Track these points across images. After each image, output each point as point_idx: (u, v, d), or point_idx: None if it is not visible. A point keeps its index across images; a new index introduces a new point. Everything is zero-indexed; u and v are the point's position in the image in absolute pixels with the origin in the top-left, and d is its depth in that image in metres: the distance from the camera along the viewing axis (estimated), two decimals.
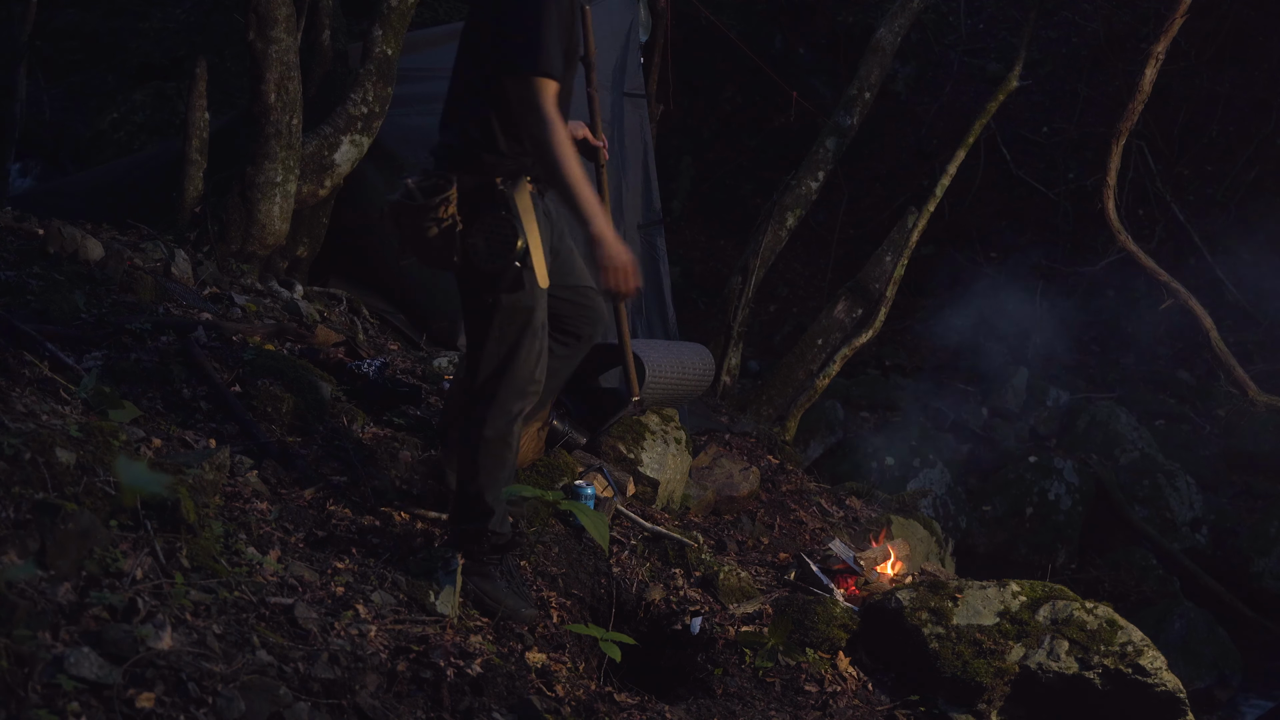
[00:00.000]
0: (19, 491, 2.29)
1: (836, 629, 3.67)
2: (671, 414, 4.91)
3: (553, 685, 2.91)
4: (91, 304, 3.95)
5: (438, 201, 3.09)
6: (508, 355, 3.18)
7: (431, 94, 6.32)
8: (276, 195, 5.30)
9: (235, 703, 2.07)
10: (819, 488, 5.85)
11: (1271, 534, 7.32)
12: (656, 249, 6.71)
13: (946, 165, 7.35)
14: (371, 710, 2.35)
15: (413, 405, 4.26)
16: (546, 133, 2.99)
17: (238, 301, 4.73)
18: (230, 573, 2.58)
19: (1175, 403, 9.19)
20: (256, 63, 5.22)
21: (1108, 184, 7.34)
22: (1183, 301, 7.44)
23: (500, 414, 3.19)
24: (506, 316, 3.16)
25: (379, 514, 3.37)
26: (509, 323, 3.17)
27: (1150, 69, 7.12)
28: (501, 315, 3.16)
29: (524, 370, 3.20)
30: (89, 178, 6.96)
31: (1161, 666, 3.45)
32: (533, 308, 3.19)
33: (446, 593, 2.99)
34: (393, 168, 6.08)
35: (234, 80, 8.24)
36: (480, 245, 3.10)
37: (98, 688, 1.96)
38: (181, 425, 3.38)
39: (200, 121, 5.47)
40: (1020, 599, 3.62)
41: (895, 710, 3.49)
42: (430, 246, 3.14)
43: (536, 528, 3.71)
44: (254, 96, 5.26)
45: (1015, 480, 7.68)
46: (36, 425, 2.67)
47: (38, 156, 8.86)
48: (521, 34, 3.02)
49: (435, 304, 5.95)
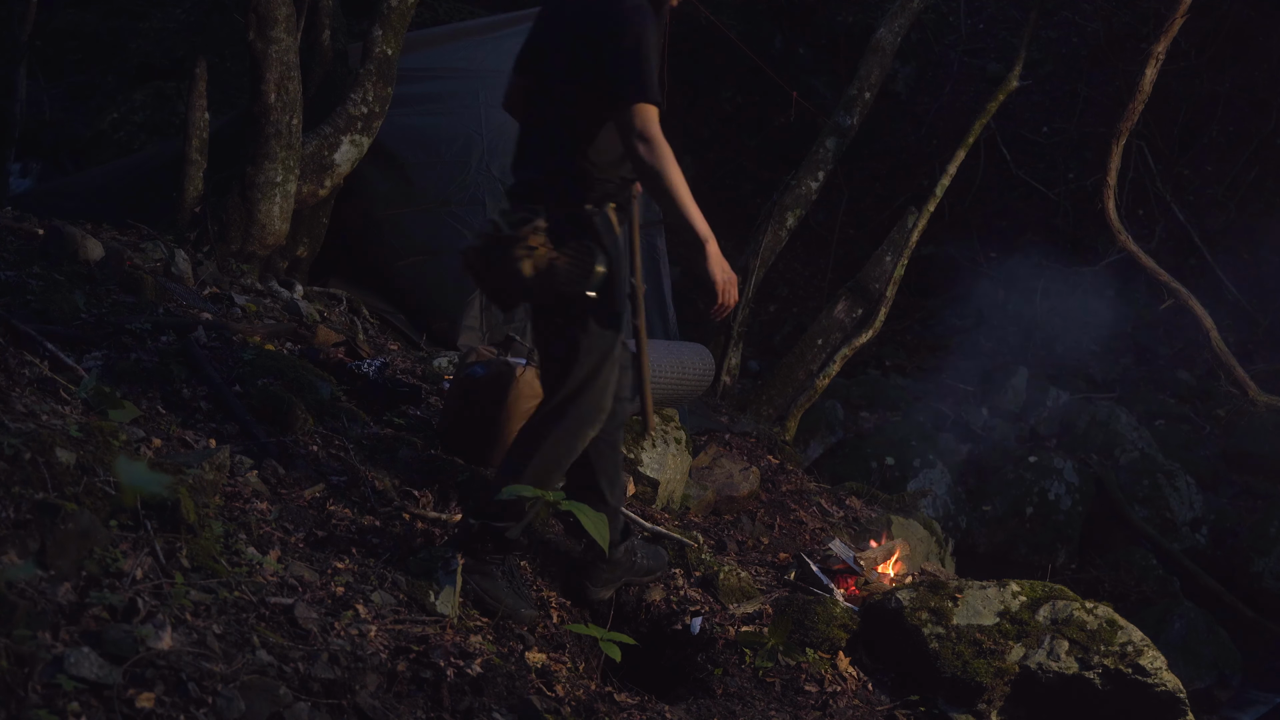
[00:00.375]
0: (19, 491, 2.29)
1: (836, 629, 3.67)
2: (671, 414, 4.91)
3: (553, 685, 2.91)
4: (91, 304, 3.95)
5: (527, 231, 3.08)
6: (585, 380, 3.20)
7: (431, 94, 6.35)
8: (276, 195, 5.30)
9: (235, 703, 2.07)
10: (819, 488, 5.84)
11: (1271, 534, 7.31)
12: (657, 249, 6.71)
13: (946, 165, 7.35)
14: (371, 710, 2.35)
15: (413, 405, 4.26)
16: (659, 158, 3.03)
17: (238, 301, 4.73)
18: (230, 573, 2.58)
19: (1175, 403, 9.19)
20: (256, 63, 5.22)
21: (1108, 184, 7.34)
22: (1183, 301, 7.44)
23: (566, 435, 3.23)
24: (591, 343, 3.19)
25: (379, 514, 3.37)
26: (591, 350, 3.19)
27: (1150, 69, 7.12)
28: (587, 340, 3.18)
29: (598, 399, 3.23)
30: (89, 178, 6.96)
31: (1161, 666, 3.45)
32: (615, 339, 3.22)
33: (446, 593, 2.99)
34: (393, 168, 6.09)
35: (234, 80, 8.23)
36: (562, 268, 3.11)
37: (98, 688, 1.96)
38: (181, 425, 3.38)
39: (200, 121, 5.48)
40: (1020, 599, 3.62)
41: (895, 710, 3.49)
42: (520, 280, 3.12)
43: (536, 527, 3.71)
44: (254, 96, 5.26)
45: (1015, 480, 7.68)
46: (36, 425, 2.67)
47: (38, 156, 8.86)
48: (627, 65, 3.04)
49: (435, 304, 5.95)
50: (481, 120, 6.21)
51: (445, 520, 3.45)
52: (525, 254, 3.09)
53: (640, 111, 3.03)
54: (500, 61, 6.39)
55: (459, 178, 6.09)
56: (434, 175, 6.11)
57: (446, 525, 3.43)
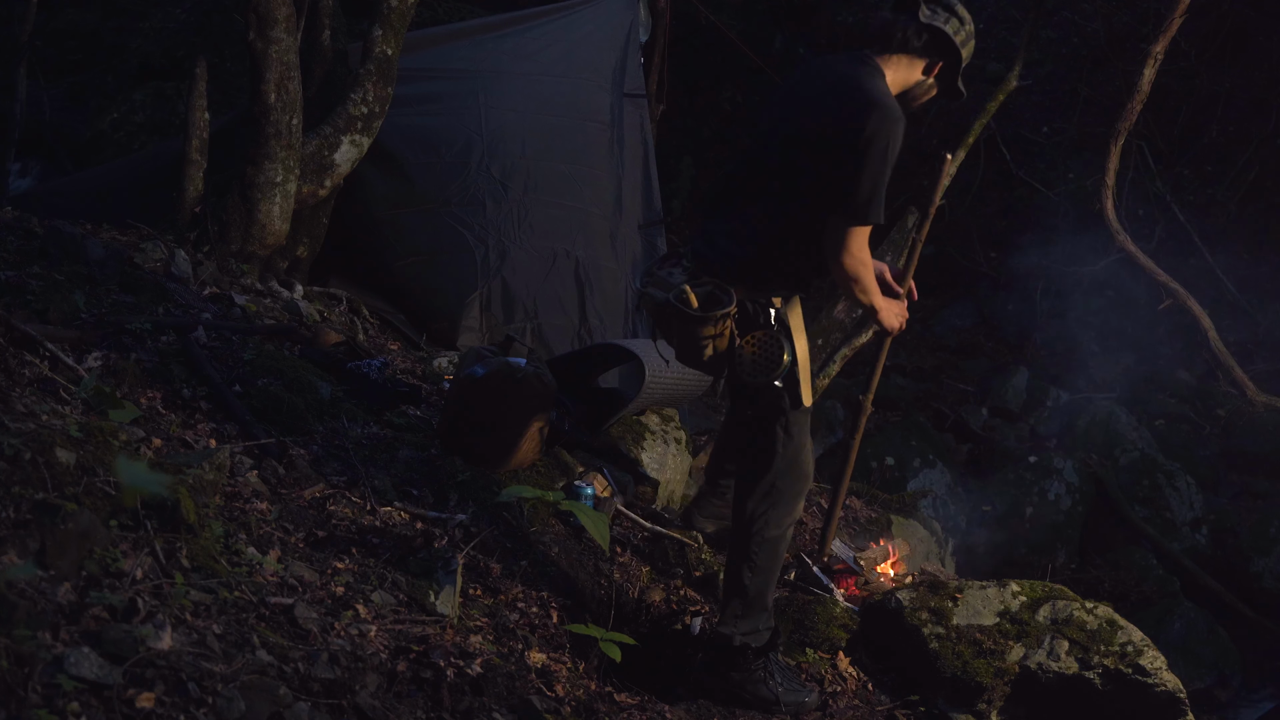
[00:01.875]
0: (19, 491, 2.29)
1: (836, 629, 3.67)
2: (671, 414, 4.91)
3: (553, 685, 2.90)
4: (91, 304, 3.95)
5: (718, 316, 3.07)
6: (793, 457, 3.24)
7: (431, 94, 6.35)
8: (276, 195, 5.30)
9: (235, 703, 2.07)
10: (819, 488, 5.84)
11: (1271, 534, 7.31)
12: (657, 249, 6.72)
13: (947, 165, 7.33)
14: (371, 710, 2.35)
15: (413, 405, 4.25)
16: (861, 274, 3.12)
17: (238, 301, 4.73)
18: (230, 573, 2.58)
19: (1175, 403, 9.19)
20: (256, 63, 5.22)
21: (1107, 184, 7.35)
22: (1182, 301, 7.44)
23: (785, 513, 3.27)
24: (795, 423, 3.22)
25: (379, 514, 3.37)
26: (796, 429, 3.23)
27: (1150, 69, 7.13)
28: (788, 421, 3.21)
29: (806, 470, 3.29)
30: (89, 178, 6.96)
31: (1161, 666, 3.45)
32: (806, 415, 3.27)
33: (446, 593, 2.99)
34: (393, 168, 6.09)
35: (234, 80, 8.23)
36: (748, 358, 3.12)
37: (98, 688, 1.96)
38: (181, 425, 3.38)
39: (200, 121, 5.47)
40: (1020, 599, 3.62)
41: (895, 710, 3.49)
42: (700, 359, 3.15)
43: (537, 528, 3.71)
44: (254, 96, 5.26)
45: (1015, 480, 7.68)
46: (36, 425, 2.67)
47: (38, 156, 8.84)
48: (864, 185, 2.98)
49: (435, 304, 5.95)
50: (481, 121, 6.21)
51: (445, 520, 3.45)
52: (710, 339, 3.08)
53: (859, 231, 3.03)
54: (500, 62, 6.41)
55: (459, 178, 6.09)
56: (434, 176, 6.11)
57: (446, 525, 3.43)
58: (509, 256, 5.98)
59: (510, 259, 5.98)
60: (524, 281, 5.99)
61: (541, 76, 6.44)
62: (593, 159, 6.43)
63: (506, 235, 6.03)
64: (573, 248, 6.17)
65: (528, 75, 6.41)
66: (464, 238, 5.98)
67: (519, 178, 6.15)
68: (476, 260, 5.93)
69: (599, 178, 6.41)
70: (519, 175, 6.16)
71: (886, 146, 2.96)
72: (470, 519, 3.48)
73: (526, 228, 6.08)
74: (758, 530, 3.24)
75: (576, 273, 6.16)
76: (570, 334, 6.06)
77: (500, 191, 6.08)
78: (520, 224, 6.08)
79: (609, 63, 6.58)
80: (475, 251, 5.95)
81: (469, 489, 3.66)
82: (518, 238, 6.04)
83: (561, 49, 6.55)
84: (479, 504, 3.59)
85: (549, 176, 6.24)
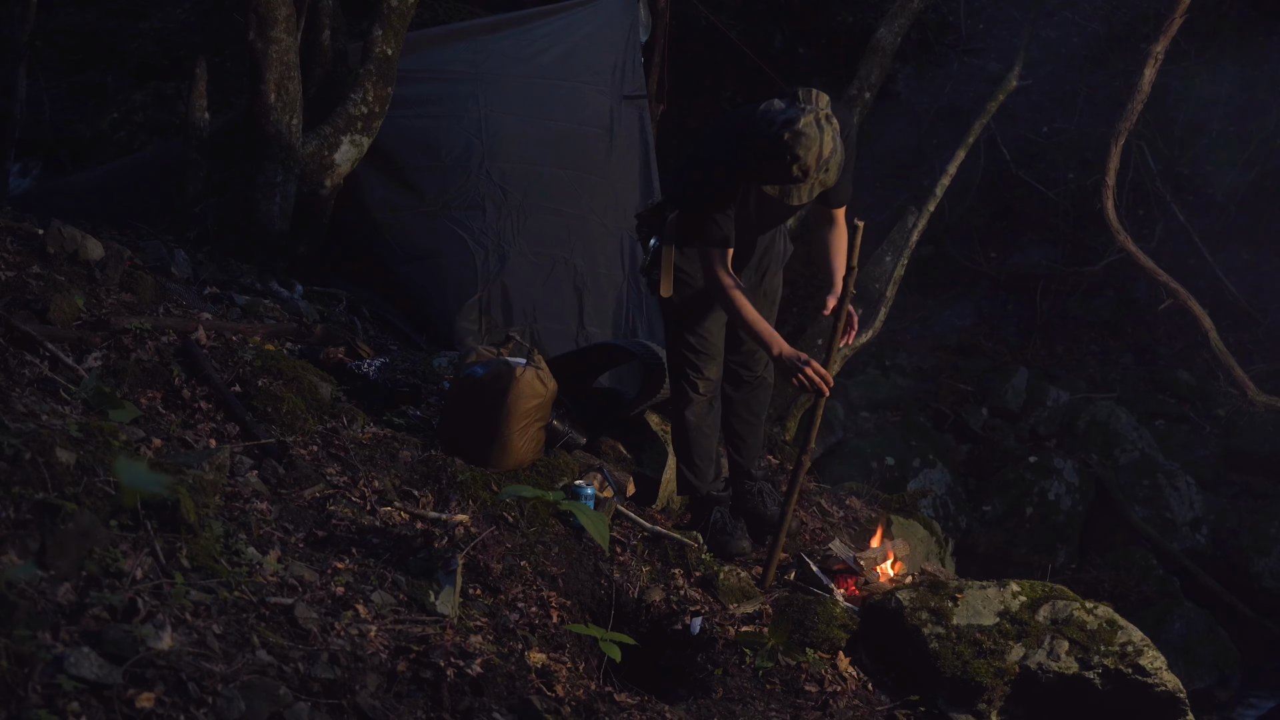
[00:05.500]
0: (19, 491, 2.29)
1: (836, 629, 3.67)
2: None
3: (553, 685, 2.90)
4: (91, 304, 3.95)
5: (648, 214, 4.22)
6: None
7: (431, 96, 6.34)
8: (276, 195, 5.30)
9: (235, 703, 2.08)
10: (819, 488, 5.83)
11: (1271, 534, 7.32)
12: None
13: (946, 165, 7.35)
14: (371, 710, 2.35)
15: (413, 405, 4.25)
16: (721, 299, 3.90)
17: (238, 301, 4.73)
18: (230, 573, 2.58)
19: (1175, 403, 9.19)
20: (256, 63, 5.22)
21: (1107, 184, 7.34)
22: (1182, 301, 7.43)
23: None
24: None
25: (379, 514, 3.37)
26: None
27: (1150, 69, 7.12)
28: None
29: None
30: (89, 178, 6.95)
31: (1161, 666, 3.45)
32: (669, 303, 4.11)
33: (446, 593, 2.99)
34: (392, 170, 6.08)
35: (234, 80, 8.21)
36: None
37: (98, 688, 1.96)
38: (181, 425, 3.38)
39: (200, 121, 5.47)
40: (1020, 599, 3.62)
41: (895, 710, 3.49)
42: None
43: (536, 527, 3.71)
44: (254, 96, 5.25)
45: (1015, 480, 7.68)
46: (36, 425, 2.67)
47: (38, 156, 8.84)
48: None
49: (435, 304, 5.94)
50: (481, 124, 6.20)
51: (445, 520, 3.45)
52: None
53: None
54: (500, 64, 6.40)
55: (459, 182, 6.08)
56: (434, 178, 6.10)
57: (446, 525, 3.43)
58: (508, 261, 5.98)
59: (510, 264, 5.97)
60: (523, 287, 5.99)
61: (541, 79, 6.43)
62: (592, 164, 6.42)
63: (506, 240, 6.02)
64: (571, 255, 6.17)
65: (528, 78, 6.40)
66: (464, 241, 5.97)
67: (518, 182, 6.14)
68: (476, 264, 5.93)
69: (597, 183, 6.40)
70: (518, 180, 6.15)
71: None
72: (470, 519, 3.48)
73: (526, 233, 6.08)
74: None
75: (574, 280, 6.15)
76: (568, 341, 6.06)
77: (500, 196, 6.07)
78: (520, 229, 6.07)
79: (609, 64, 6.57)
80: (475, 255, 5.95)
81: (469, 489, 3.66)
82: (517, 243, 6.04)
83: (561, 50, 6.54)
84: (479, 504, 3.60)
85: (548, 182, 6.23)
